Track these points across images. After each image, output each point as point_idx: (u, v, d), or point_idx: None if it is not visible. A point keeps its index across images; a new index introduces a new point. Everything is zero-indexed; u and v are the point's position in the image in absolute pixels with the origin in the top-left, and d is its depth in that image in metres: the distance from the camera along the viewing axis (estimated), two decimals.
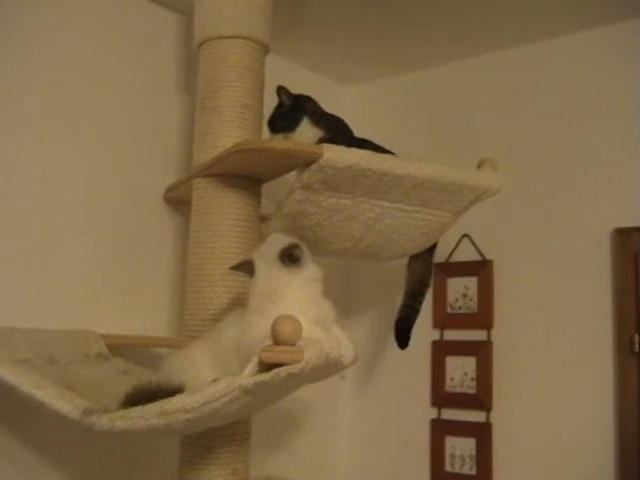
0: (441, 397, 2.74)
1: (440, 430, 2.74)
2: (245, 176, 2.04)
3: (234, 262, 1.96)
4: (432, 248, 2.37)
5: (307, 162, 1.82)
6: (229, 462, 1.93)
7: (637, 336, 2.32)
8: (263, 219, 2.11)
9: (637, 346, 2.31)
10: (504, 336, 2.64)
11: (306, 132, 2.09)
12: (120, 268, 2.27)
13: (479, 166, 2.11)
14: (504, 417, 2.60)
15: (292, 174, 1.95)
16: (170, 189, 2.34)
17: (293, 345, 1.37)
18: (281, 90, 2.08)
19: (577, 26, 2.52)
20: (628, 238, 2.37)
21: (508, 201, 2.42)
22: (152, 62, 2.41)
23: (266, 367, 1.39)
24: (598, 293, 2.44)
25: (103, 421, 1.42)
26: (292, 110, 2.08)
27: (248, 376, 1.37)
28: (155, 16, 2.42)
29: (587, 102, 2.52)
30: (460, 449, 2.68)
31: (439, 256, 2.58)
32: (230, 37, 2.08)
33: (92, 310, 2.17)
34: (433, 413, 2.77)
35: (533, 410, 2.54)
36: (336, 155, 1.79)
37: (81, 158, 2.17)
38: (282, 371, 1.36)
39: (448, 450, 2.71)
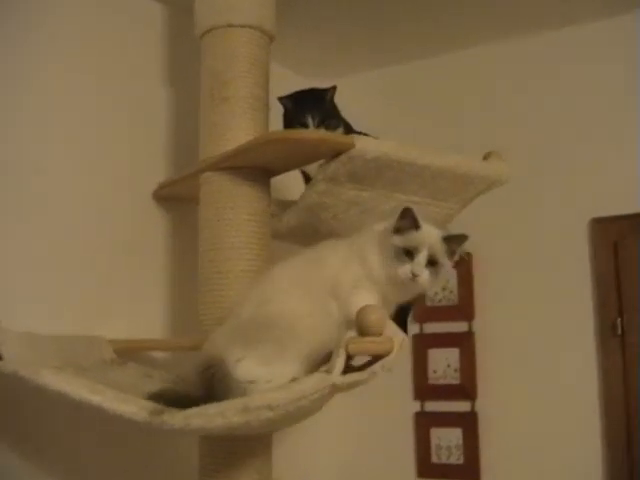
0: (424, 390, 2.77)
1: (424, 422, 2.76)
2: (258, 169, 1.98)
3: (252, 259, 1.92)
4: None
5: (335, 153, 1.78)
6: (253, 466, 1.86)
7: (619, 319, 2.43)
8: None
9: (620, 329, 2.42)
10: (486, 326, 2.70)
11: None
12: (110, 268, 2.16)
13: (485, 158, 2.14)
14: (489, 406, 2.66)
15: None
16: (164, 185, 2.24)
17: (380, 335, 1.33)
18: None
19: (569, 19, 2.61)
20: (606, 227, 2.49)
21: (486, 193, 2.47)
22: (137, 55, 2.31)
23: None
24: (578, 280, 2.54)
25: (176, 419, 1.34)
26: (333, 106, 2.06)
27: (338, 373, 1.32)
28: (140, 8, 2.33)
29: (568, 97, 2.63)
30: (446, 440, 2.71)
31: None
32: (240, 26, 2.01)
33: (83, 311, 2.05)
34: (416, 406, 2.79)
35: (518, 397, 2.61)
36: (366, 146, 1.78)
37: (67, 156, 2.06)
38: (376, 367, 1.32)
39: (434, 441, 2.74)
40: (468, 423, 2.67)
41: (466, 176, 2.03)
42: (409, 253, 1.48)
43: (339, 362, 1.33)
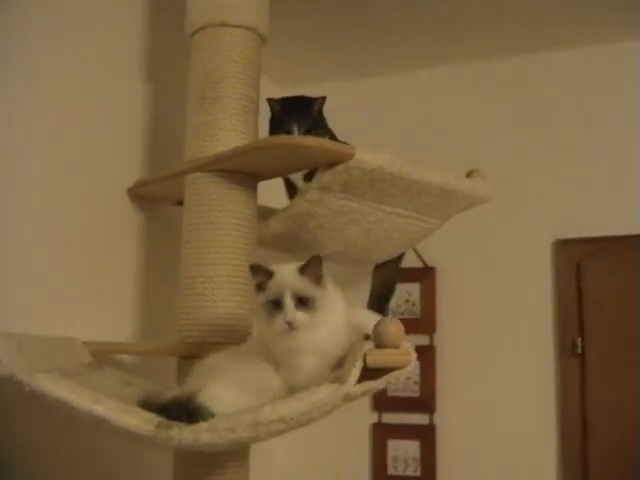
0: (382, 401, 2.77)
1: (382, 434, 2.77)
2: (247, 173, 1.94)
3: (239, 264, 1.87)
4: (402, 254, 2.40)
5: (333, 162, 1.77)
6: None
7: (579, 339, 2.50)
8: None
9: (579, 348, 2.50)
10: (447, 341, 2.73)
11: None
12: (79, 267, 2.05)
13: (468, 175, 2.17)
14: (448, 419, 2.69)
15: None
16: (140, 183, 2.17)
17: (398, 347, 1.33)
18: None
19: (548, 43, 2.69)
20: (570, 248, 2.56)
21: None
22: (116, 50, 2.22)
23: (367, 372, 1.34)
24: (540, 299, 2.61)
25: (185, 435, 1.28)
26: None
27: (353, 383, 1.30)
28: (120, 2, 2.23)
29: (539, 120, 2.70)
30: (403, 452, 2.73)
31: None
32: (235, 26, 1.97)
33: (49, 310, 1.94)
34: (374, 417, 2.79)
35: (476, 411, 2.65)
36: (366, 157, 1.77)
37: (39, 150, 1.93)
38: (392, 376, 1.31)
39: (391, 453, 2.75)
40: (426, 436, 2.69)
41: (452, 193, 2.05)
42: (277, 304, 1.41)
43: (354, 372, 1.30)
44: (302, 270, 1.43)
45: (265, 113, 2.09)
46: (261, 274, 1.45)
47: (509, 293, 2.66)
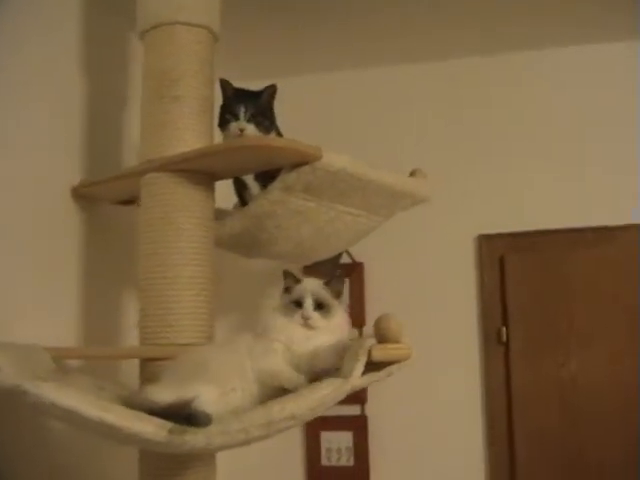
0: None
1: (315, 426, 2.83)
2: (206, 173, 1.94)
3: (200, 265, 1.87)
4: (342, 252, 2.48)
5: (298, 162, 1.81)
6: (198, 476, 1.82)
7: (504, 328, 2.68)
8: None
9: (504, 336, 2.67)
10: None
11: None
12: (18, 269, 1.96)
13: (411, 175, 2.26)
14: (378, 409, 2.79)
15: None
16: (86, 184, 2.11)
17: (399, 342, 1.40)
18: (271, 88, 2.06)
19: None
20: (493, 243, 2.73)
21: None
22: (54, 44, 2.13)
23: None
24: (464, 291, 2.77)
25: (198, 439, 1.29)
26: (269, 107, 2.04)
27: (358, 376, 1.36)
28: None
29: (470, 120, 2.84)
30: (337, 442, 2.80)
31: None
32: (189, 25, 1.95)
33: None
34: None
35: (406, 400, 2.77)
36: (332, 159, 1.82)
37: None
38: (394, 368, 1.38)
39: (324, 445, 2.82)
40: (358, 426, 2.78)
41: (400, 192, 2.14)
42: (298, 303, 1.62)
43: (359, 366, 1.37)
44: (327, 283, 1.67)
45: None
46: (290, 279, 1.68)
47: (435, 285, 2.80)
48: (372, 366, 1.41)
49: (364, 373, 1.40)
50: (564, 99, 2.79)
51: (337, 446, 2.80)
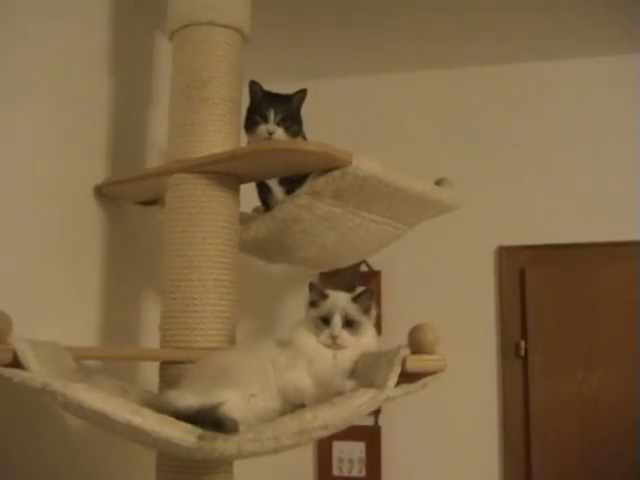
0: None
1: (327, 436, 2.79)
2: (232, 175, 1.92)
3: (226, 268, 1.85)
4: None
5: (328, 167, 1.78)
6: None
7: (523, 342, 2.64)
8: None
9: (523, 351, 2.64)
10: (391, 342, 2.79)
11: None
12: (43, 269, 1.93)
13: (437, 183, 2.24)
14: (392, 420, 2.76)
15: None
16: (108, 182, 2.09)
17: (434, 353, 1.37)
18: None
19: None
20: (513, 255, 2.70)
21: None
22: (80, 43, 2.11)
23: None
24: (484, 304, 2.73)
25: (229, 446, 1.26)
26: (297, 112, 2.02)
27: (392, 387, 1.33)
28: None
29: (492, 129, 2.82)
30: (349, 452, 2.77)
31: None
32: (222, 26, 1.94)
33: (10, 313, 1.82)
34: None
35: (421, 412, 2.73)
36: (362, 164, 1.79)
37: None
38: (428, 379, 1.35)
39: (336, 454, 2.78)
40: (371, 437, 2.74)
41: (429, 201, 2.11)
42: (326, 321, 1.57)
43: (392, 376, 1.34)
44: (355, 299, 1.60)
45: None
46: (316, 293, 1.61)
47: (453, 297, 2.76)
48: (405, 377, 1.36)
49: (398, 384, 1.35)
50: (590, 111, 2.77)
51: (349, 456, 2.77)
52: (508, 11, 2.46)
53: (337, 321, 1.55)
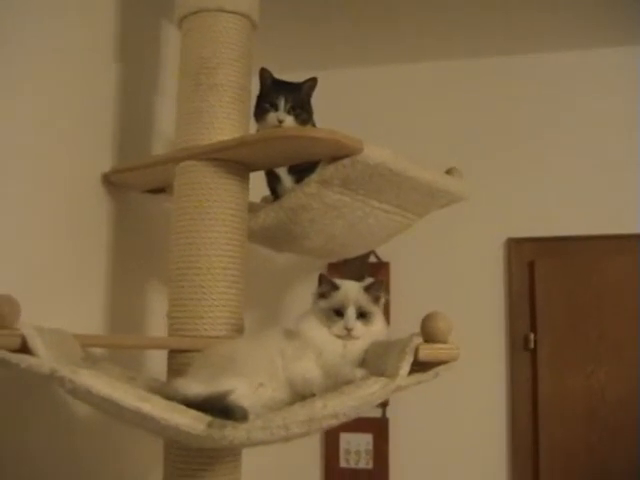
0: None
1: (334, 427, 2.77)
2: (242, 163, 1.90)
3: (234, 256, 1.83)
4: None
5: (338, 155, 1.76)
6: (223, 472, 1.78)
7: (532, 334, 2.62)
8: None
9: (532, 343, 2.62)
10: (400, 334, 2.77)
11: None
12: (50, 255, 1.92)
13: (448, 172, 2.22)
14: (400, 412, 2.74)
15: None
16: (116, 170, 2.07)
17: (446, 342, 1.36)
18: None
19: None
20: (523, 247, 2.68)
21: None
22: (87, 30, 2.09)
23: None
24: (492, 296, 2.71)
25: (239, 434, 1.25)
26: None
27: (404, 376, 1.32)
28: None
29: (502, 120, 2.80)
30: (356, 444, 2.76)
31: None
32: (231, 12, 1.92)
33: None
34: None
35: (428, 405, 2.71)
36: (373, 152, 1.77)
37: (9, 135, 1.77)
38: (440, 369, 1.34)
39: (343, 446, 2.77)
40: (379, 429, 2.73)
41: (438, 190, 2.09)
42: (339, 312, 1.55)
43: (405, 365, 1.33)
44: (367, 288, 1.59)
45: None
46: (327, 284, 1.59)
47: (462, 288, 2.74)
48: (417, 366, 1.35)
49: (409, 373, 1.34)
50: (602, 104, 2.74)
51: (356, 448, 2.76)
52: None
53: (351, 313, 1.54)
